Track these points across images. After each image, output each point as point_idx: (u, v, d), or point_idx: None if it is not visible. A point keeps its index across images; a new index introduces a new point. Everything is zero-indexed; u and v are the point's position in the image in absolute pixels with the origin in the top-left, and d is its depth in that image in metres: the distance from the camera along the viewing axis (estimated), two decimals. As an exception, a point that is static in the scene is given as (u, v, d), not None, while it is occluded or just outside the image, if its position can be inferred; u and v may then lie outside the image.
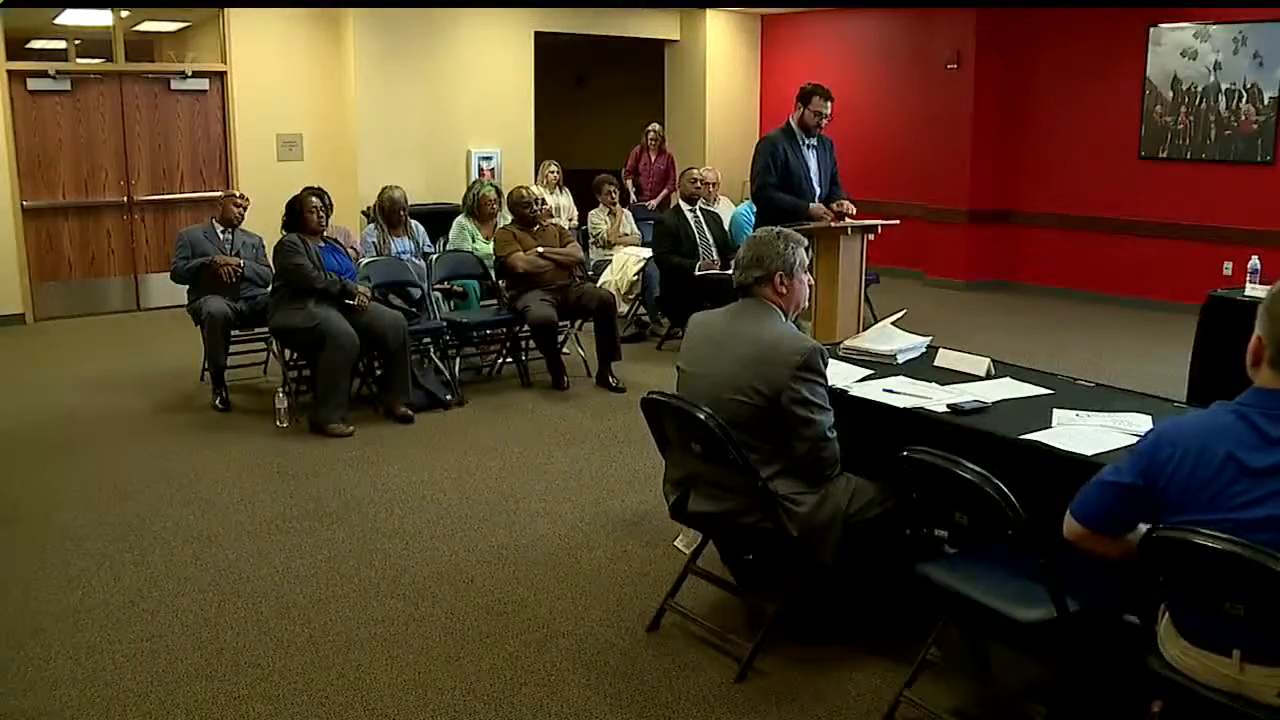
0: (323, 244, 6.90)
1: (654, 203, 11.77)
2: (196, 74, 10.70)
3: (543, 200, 8.10)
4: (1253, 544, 2.47)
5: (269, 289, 7.17)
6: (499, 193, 8.57)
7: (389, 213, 8.22)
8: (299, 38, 11.06)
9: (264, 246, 7.71)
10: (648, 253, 9.33)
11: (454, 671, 3.86)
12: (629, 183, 12.14)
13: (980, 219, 12.05)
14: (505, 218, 8.31)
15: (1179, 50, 10.64)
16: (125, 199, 10.45)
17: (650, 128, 12.31)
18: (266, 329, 7.20)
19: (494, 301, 8.08)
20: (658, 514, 4.41)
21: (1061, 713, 3.45)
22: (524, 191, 7.98)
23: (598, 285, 8.71)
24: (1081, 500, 2.86)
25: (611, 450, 6.34)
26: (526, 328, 7.63)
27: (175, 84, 10.61)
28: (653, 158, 12.06)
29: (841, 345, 4.72)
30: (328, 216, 7.02)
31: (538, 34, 12.27)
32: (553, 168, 10.89)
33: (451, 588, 4.55)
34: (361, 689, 3.74)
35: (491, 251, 7.99)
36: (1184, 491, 2.65)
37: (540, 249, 7.69)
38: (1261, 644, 2.56)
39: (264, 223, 7.97)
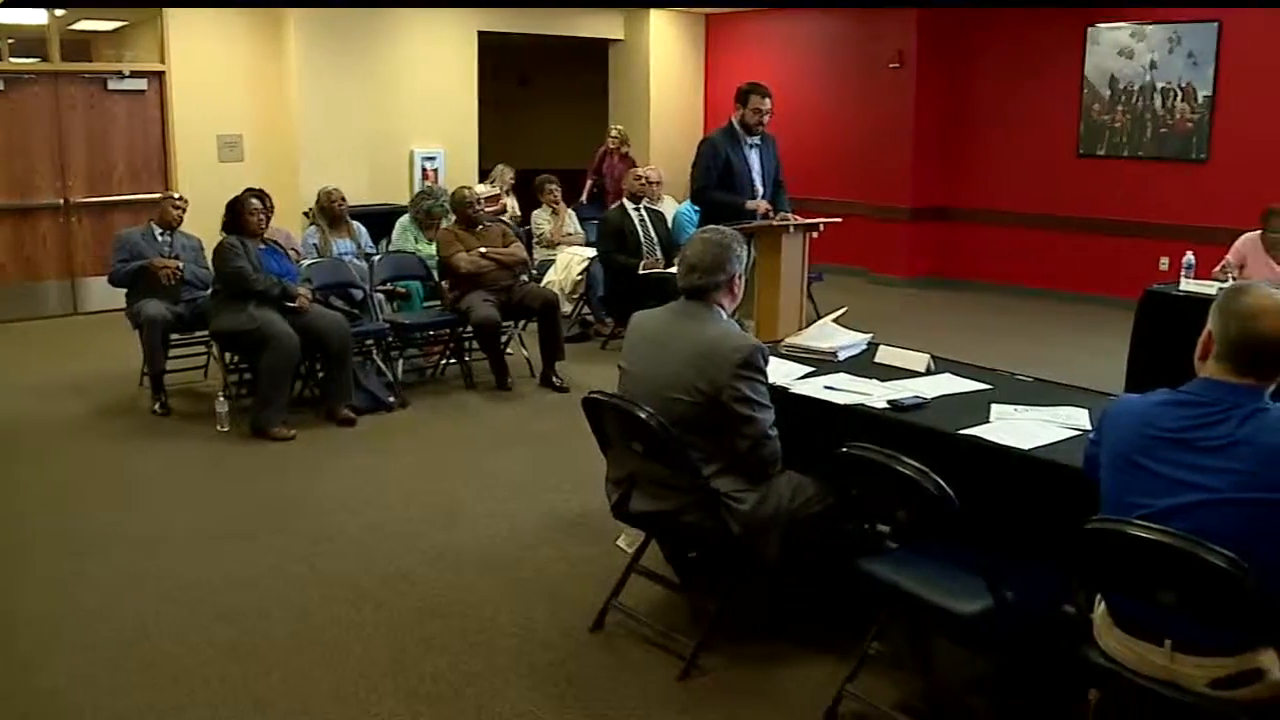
0: (263, 246, 6.84)
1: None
2: (134, 74, 10.55)
3: (499, 197, 8.05)
4: (1183, 533, 2.53)
5: (209, 292, 7.09)
6: (447, 211, 8.47)
7: (328, 210, 8.18)
8: (239, 37, 10.94)
9: (203, 249, 7.61)
10: (592, 252, 9.33)
11: (396, 675, 3.83)
12: (590, 183, 12.07)
13: (923, 216, 12.15)
14: (449, 219, 8.28)
15: (1116, 50, 10.79)
16: (62, 201, 10.28)
17: (613, 130, 12.20)
18: (206, 332, 7.12)
19: (437, 302, 8.04)
20: (601, 513, 4.41)
21: (1002, 705, 3.49)
22: (466, 192, 7.97)
23: (542, 285, 8.70)
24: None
25: (555, 450, 6.32)
26: (470, 328, 7.61)
27: (112, 84, 10.46)
28: (614, 159, 11.95)
29: (783, 343, 4.74)
30: (268, 218, 6.96)
31: (481, 34, 12.23)
32: (510, 174, 10.84)
33: (394, 591, 4.52)
34: (304, 695, 3.71)
35: (434, 252, 7.96)
36: (1114, 465, 2.80)
37: (483, 249, 7.66)
38: (1191, 633, 2.63)
39: (204, 225, 7.86)
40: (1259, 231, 7.30)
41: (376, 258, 8.10)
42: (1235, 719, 2.62)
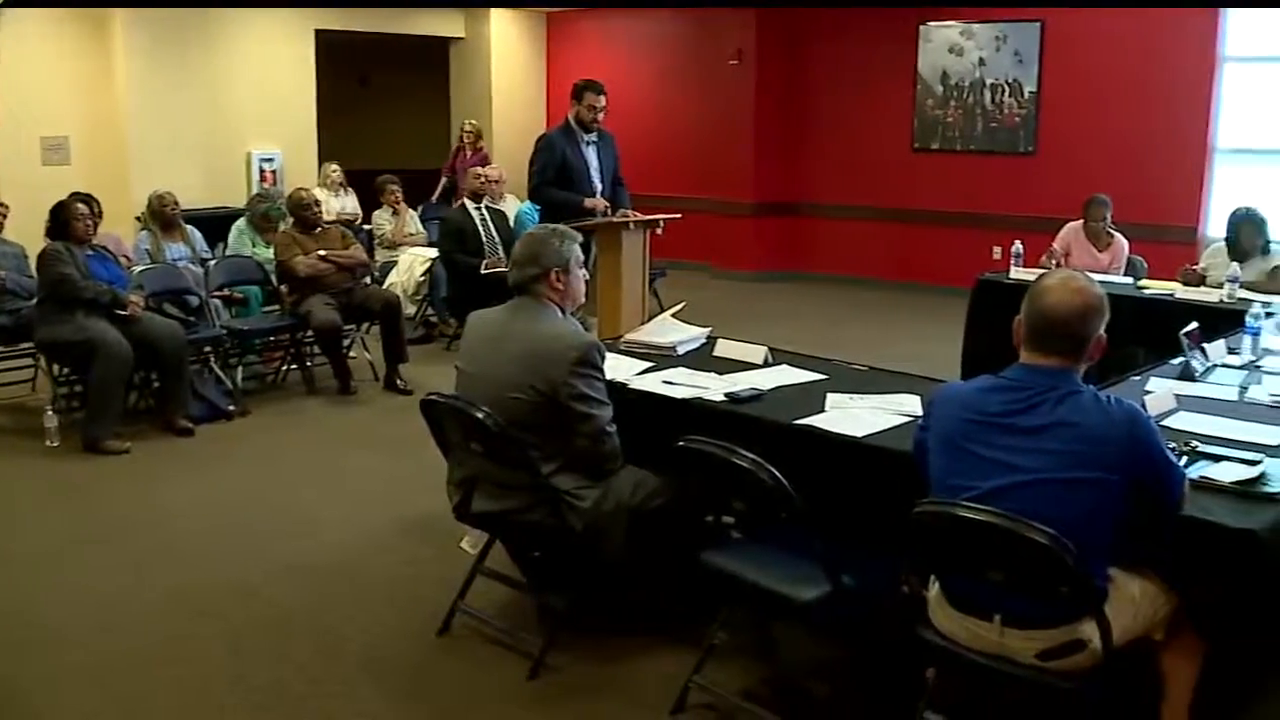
0: (91, 252, 6.61)
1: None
2: (-52, 74, 10.10)
3: (357, 219, 7.91)
4: (1007, 513, 2.63)
5: (34, 301, 6.83)
6: (285, 214, 8.30)
7: (159, 214, 7.98)
8: (64, 35, 10.53)
9: (26, 257, 7.31)
10: (434, 252, 9.23)
11: (239, 687, 3.75)
12: (445, 180, 11.93)
13: (766, 211, 12.35)
14: (286, 221, 8.13)
15: (947, 47, 11.13)
16: None
17: (465, 125, 12.08)
18: (32, 344, 6.86)
19: (276, 307, 7.88)
20: (446, 516, 4.37)
21: (844, 688, 3.56)
22: (303, 193, 7.83)
23: (384, 287, 8.60)
24: None
25: (400, 454, 6.22)
26: (310, 333, 7.48)
27: (-77, 85, 9.99)
28: (468, 155, 11.81)
29: (621, 339, 4.76)
30: (96, 224, 6.72)
31: (319, 32, 12.01)
32: (334, 168, 10.69)
33: (236, 602, 4.41)
34: (145, 713, 3.61)
35: (272, 256, 7.79)
36: (941, 449, 2.90)
37: (322, 252, 7.53)
38: (1019, 608, 2.73)
39: (28, 231, 7.55)
40: (1081, 220, 7.59)
41: (212, 262, 7.90)
42: (1061, 688, 2.73)
